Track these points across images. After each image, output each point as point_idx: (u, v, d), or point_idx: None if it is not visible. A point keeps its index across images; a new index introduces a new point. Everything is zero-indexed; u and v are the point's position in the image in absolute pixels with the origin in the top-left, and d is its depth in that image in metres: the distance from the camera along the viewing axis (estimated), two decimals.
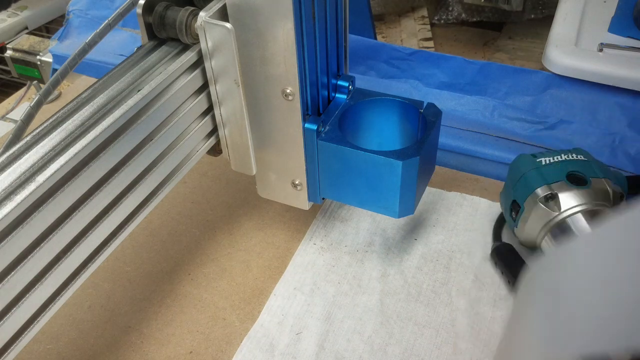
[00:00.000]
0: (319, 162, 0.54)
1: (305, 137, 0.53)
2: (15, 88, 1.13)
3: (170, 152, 0.50)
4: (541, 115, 0.73)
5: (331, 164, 0.54)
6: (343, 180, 0.55)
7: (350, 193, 0.56)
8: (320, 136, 0.53)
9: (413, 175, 0.52)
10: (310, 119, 0.52)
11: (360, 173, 0.53)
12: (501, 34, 1.37)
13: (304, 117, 0.52)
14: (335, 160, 0.53)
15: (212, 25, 0.47)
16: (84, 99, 0.45)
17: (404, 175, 0.52)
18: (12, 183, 0.38)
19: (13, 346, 0.40)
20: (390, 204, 0.54)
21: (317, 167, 0.55)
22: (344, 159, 0.53)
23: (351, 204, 0.58)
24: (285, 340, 0.55)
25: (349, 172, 0.54)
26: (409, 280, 0.60)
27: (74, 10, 0.98)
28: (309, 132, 0.52)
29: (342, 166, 0.53)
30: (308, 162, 0.55)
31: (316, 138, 0.53)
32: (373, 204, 0.56)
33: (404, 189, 0.53)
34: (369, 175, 0.53)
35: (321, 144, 0.53)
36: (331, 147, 0.53)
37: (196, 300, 0.60)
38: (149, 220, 0.68)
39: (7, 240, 0.37)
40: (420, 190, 0.56)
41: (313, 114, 0.53)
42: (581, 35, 0.77)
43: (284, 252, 0.64)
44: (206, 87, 0.52)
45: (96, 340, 0.57)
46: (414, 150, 0.51)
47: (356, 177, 0.54)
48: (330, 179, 0.55)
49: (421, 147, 0.52)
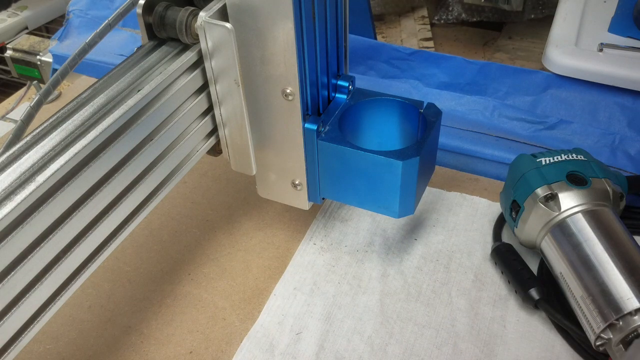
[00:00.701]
0: (319, 162, 0.54)
1: (305, 137, 0.53)
2: (15, 88, 1.13)
3: (170, 152, 0.50)
4: (541, 115, 0.73)
5: (331, 164, 0.54)
6: (343, 180, 0.55)
7: (350, 193, 0.56)
8: (320, 136, 0.53)
9: (413, 175, 0.52)
10: (310, 119, 0.52)
11: (360, 173, 0.53)
12: (501, 34, 1.37)
13: (304, 117, 0.52)
14: (335, 160, 0.53)
15: (212, 25, 0.47)
16: (84, 99, 0.45)
17: (404, 176, 0.52)
18: (12, 183, 0.38)
19: (13, 346, 0.40)
20: (391, 204, 0.54)
21: (317, 167, 0.55)
22: (344, 159, 0.53)
23: (351, 204, 0.58)
24: (285, 340, 0.55)
25: (349, 172, 0.54)
26: (409, 280, 0.60)
27: (74, 10, 0.98)
28: (309, 132, 0.52)
29: (342, 166, 0.53)
30: (308, 162, 0.55)
31: (316, 138, 0.53)
32: (373, 204, 0.56)
33: (404, 189, 0.53)
34: (369, 175, 0.53)
35: (321, 144, 0.53)
36: (331, 147, 0.53)
37: (196, 300, 0.60)
38: (149, 220, 0.68)
39: (7, 240, 0.37)
40: (421, 190, 0.56)
41: (313, 114, 0.53)
42: (581, 35, 0.77)
43: (284, 252, 0.64)
44: (206, 87, 0.52)
45: (96, 340, 0.57)
46: (414, 150, 0.51)
47: (356, 177, 0.54)
48: (330, 178, 0.55)
49: (421, 147, 0.52)
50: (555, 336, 0.54)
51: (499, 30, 1.41)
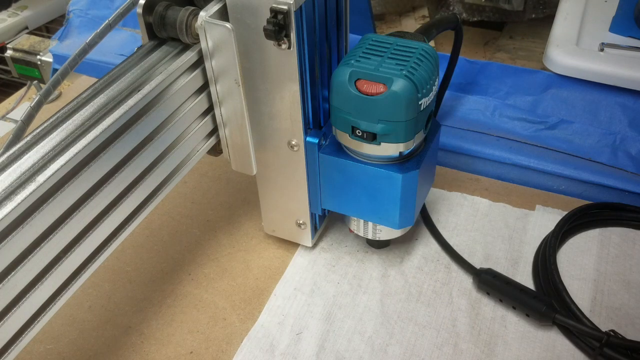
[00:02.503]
0: (320, 174, 0.55)
1: (306, 150, 0.54)
2: (16, 88, 1.13)
3: (170, 152, 0.50)
4: (542, 115, 0.73)
5: (332, 176, 0.55)
6: (344, 191, 0.56)
7: (351, 204, 0.57)
8: (321, 149, 0.54)
9: (413, 188, 0.53)
10: (312, 132, 0.53)
11: (361, 185, 0.54)
12: (502, 33, 1.37)
13: (306, 132, 0.53)
14: (337, 172, 0.54)
15: (212, 25, 0.47)
16: (84, 99, 0.45)
17: (404, 188, 0.52)
18: (12, 183, 0.38)
19: (13, 346, 0.40)
20: (391, 215, 0.55)
21: (319, 179, 0.56)
22: (345, 171, 0.54)
23: (352, 215, 0.58)
24: (286, 340, 0.55)
25: (350, 184, 0.55)
26: (409, 280, 0.60)
27: (74, 10, 0.97)
28: (311, 145, 0.53)
29: (343, 178, 0.54)
30: (310, 176, 0.56)
31: (317, 151, 0.54)
32: (373, 215, 0.56)
33: (404, 201, 0.54)
34: (370, 187, 0.54)
35: (322, 157, 0.54)
36: (332, 160, 0.54)
37: (196, 301, 0.60)
38: (149, 221, 0.67)
39: (8, 240, 0.37)
40: (420, 201, 0.57)
41: (314, 128, 0.54)
42: (582, 34, 0.77)
43: (284, 252, 0.64)
44: (206, 87, 0.52)
45: (96, 341, 0.57)
46: (414, 163, 0.52)
47: (357, 189, 0.55)
48: (331, 190, 0.56)
49: (421, 161, 0.53)
50: (556, 335, 0.54)
51: (500, 29, 1.41)
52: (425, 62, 0.48)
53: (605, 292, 0.58)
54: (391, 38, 0.50)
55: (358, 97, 0.47)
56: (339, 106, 0.49)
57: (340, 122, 0.50)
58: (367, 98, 0.47)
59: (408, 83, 0.46)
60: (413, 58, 0.48)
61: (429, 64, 0.48)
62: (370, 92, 0.47)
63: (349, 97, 0.48)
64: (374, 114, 0.48)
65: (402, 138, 0.49)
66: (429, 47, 0.49)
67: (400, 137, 0.49)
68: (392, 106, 0.47)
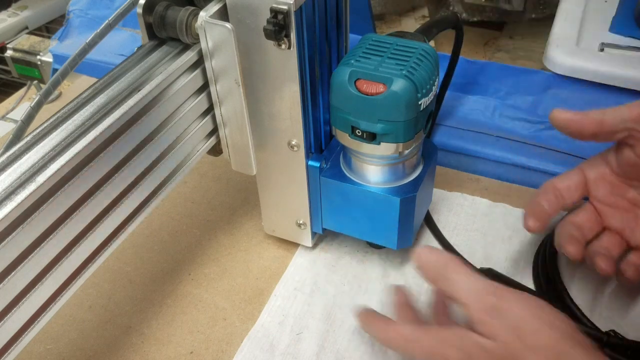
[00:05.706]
0: (321, 196, 0.57)
1: (308, 174, 0.55)
2: (16, 88, 1.13)
3: (170, 152, 0.50)
4: (542, 115, 0.73)
5: (333, 198, 0.56)
6: (344, 213, 0.57)
7: (351, 225, 0.58)
8: (322, 172, 0.55)
9: (411, 210, 0.54)
10: (313, 156, 0.55)
11: (360, 207, 0.55)
12: (502, 33, 1.37)
13: (307, 156, 0.54)
14: (337, 195, 0.56)
15: (212, 25, 0.47)
16: (84, 99, 0.45)
17: (402, 211, 0.54)
18: (12, 183, 0.38)
19: (13, 346, 0.40)
20: (389, 236, 0.56)
21: (320, 200, 0.57)
22: (345, 194, 0.55)
23: (352, 234, 0.59)
24: (286, 340, 0.55)
25: (350, 206, 0.56)
26: (409, 280, 0.60)
27: (74, 10, 0.97)
28: (313, 169, 0.54)
29: (343, 200, 0.56)
30: (311, 197, 0.57)
31: (319, 174, 0.55)
32: (372, 235, 0.58)
33: (402, 223, 0.55)
34: (369, 209, 0.55)
35: (324, 180, 0.55)
36: (333, 183, 0.55)
37: (197, 301, 0.60)
38: (149, 221, 0.67)
39: (8, 240, 0.37)
40: (418, 222, 0.59)
41: (316, 152, 0.56)
42: (582, 34, 0.77)
43: (285, 252, 0.64)
44: (206, 87, 0.52)
45: (97, 341, 0.57)
46: (411, 187, 0.54)
47: (357, 211, 0.56)
48: (332, 211, 0.58)
49: (418, 184, 0.54)
50: None
51: (500, 29, 1.41)
52: (425, 62, 0.48)
53: (606, 292, 0.57)
54: (391, 38, 0.50)
55: (358, 96, 0.48)
56: (338, 106, 0.50)
57: (340, 122, 0.50)
58: (367, 98, 0.47)
59: (408, 83, 0.46)
60: (413, 58, 0.48)
61: (429, 64, 0.48)
62: (370, 91, 0.47)
63: (349, 96, 0.48)
64: (374, 113, 0.48)
65: (402, 138, 0.49)
66: (429, 47, 0.50)
67: (400, 137, 0.49)
68: (392, 106, 0.47)
